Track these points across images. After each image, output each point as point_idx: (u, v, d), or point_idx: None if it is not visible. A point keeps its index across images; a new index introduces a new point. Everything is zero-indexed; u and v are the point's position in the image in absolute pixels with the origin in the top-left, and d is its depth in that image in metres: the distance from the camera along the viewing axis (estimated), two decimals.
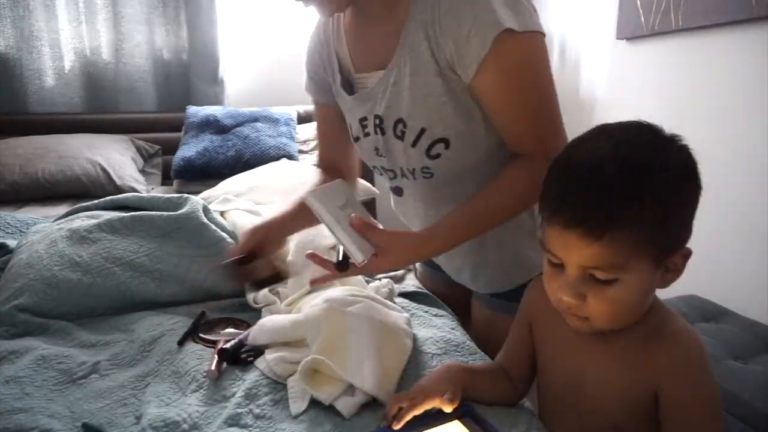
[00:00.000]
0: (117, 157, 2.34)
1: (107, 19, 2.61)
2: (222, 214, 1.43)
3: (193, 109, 2.56)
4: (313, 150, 2.56)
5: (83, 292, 1.08)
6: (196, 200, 1.30)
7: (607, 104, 2.41)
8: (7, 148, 2.27)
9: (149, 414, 0.77)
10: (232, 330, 1.01)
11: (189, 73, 2.74)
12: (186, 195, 1.33)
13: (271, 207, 1.49)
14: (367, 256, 0.82)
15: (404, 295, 1.19)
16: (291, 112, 2.62)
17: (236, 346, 0.92)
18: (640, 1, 2.10)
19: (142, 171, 2.47)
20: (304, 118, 2.66)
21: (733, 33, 1.76)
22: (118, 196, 1.40)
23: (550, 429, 0.77)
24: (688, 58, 1.95)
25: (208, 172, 2.33)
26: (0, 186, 2.15)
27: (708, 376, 0.66)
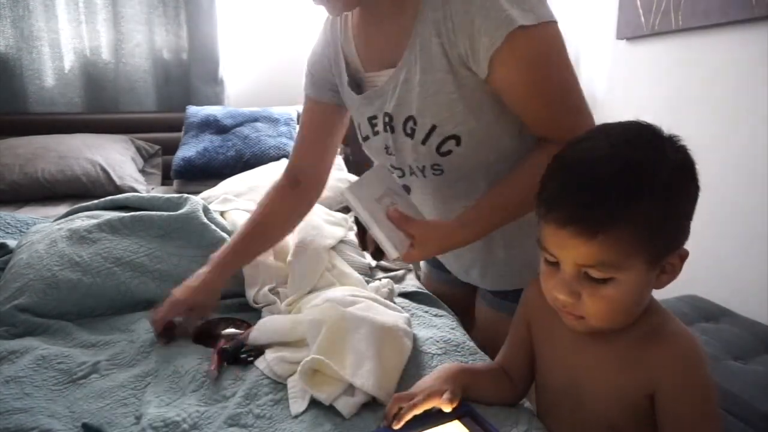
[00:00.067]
0: (117, 157, 2.34)
1: (107, 19, 2.61)
2: (222, 214, 1.43)
3: (193, 109, 2.56)
4: None
5: (83, 292, 1.08)
6: (196, 200, 1.30)
7: (607, 104, 2.41)
8: (7, 148, 2.27)
9: (149, 414, 0.77)
10: (232, 330, 1.01)
11: (189, 73, 2.74)
12: (186, 195, 1.33)
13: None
14: (402, 251, 0.82)
15: (404, 295, 1.19)
16: (291, 112, 2.62)
17: (236, 346, 0.92)
18: (640, 1, 2.10)
19: (142, 171, 2.47)
20: None
21: (733, 33, 1.76)
22: (118, 196, 1.40)
23: (549, 428, 0.77)
24: (688, 59, 1.95)
25: (208, 172, 2.33)
26: (0, 186, 2.15)
27: (705, 378, 0.66)
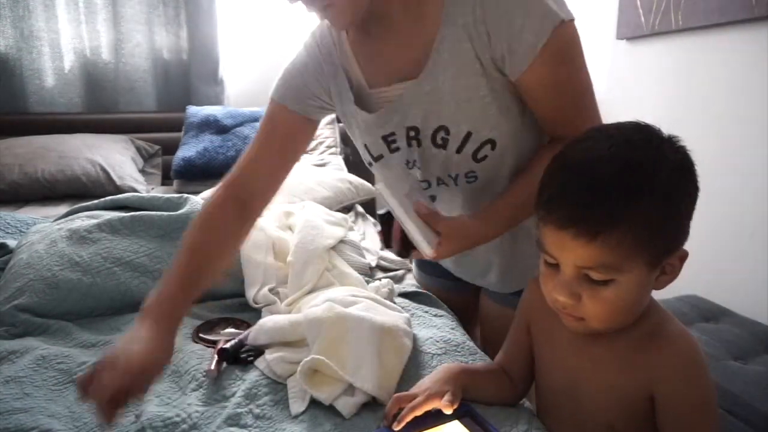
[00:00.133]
0: (117, 157, 2.34)
1: (107, 19, 2.61)
2: None
3: (193, 109, 2.56)
4: (313, 150, 2.56)
5: (83, 292, 1.08)
6: (196, 200, 1.30)
7: (607, 104, 2.39)
8: (7, 148, 2.27)
9: (149, 413, 0.77)
10: (232, 330, 1.01)
11: (189, 73, 2.74)
12: (186, 195, 1.33)
13: (271, 207, 1.47)
14: (434, 247, 0.81)
15: (404, 295, 1.19)
16: None
17: (236, 346, 0.92)
18: (640, 1, 2.10)
19: (142, 171, 2.47)
20: None
21: (733, 33, 1.76)
22: (118, 196, 1.40)
23: (549, 428, 0.77)
24: (688, 58, 1.95)
25: (208, 172, 2.33)
26: (0, 186, 2.15)
27: (704, 379, 0.66)
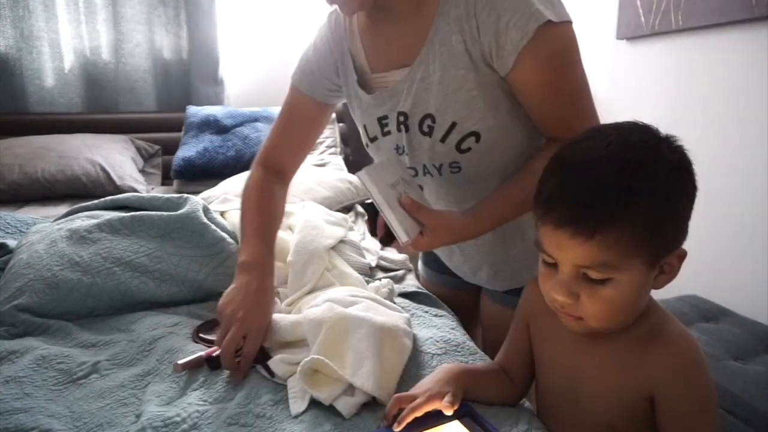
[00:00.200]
0: (117, 157, 2.34)
1: (107, 19, 2.61)
2: (222, 214, 1.43)
3: (193, 109, 2.56)
4: (313, 150, 2.56)
5: (83, 292, 1.08)
6: (196, 200, 1.30)
7: (607, 104, 2.40)
8: (7, 148, 2.26)
9: (149, 413, 0.77)
10: None
11: (189, 73, 2.74)
12: (186, 195, 1.33)
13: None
14: (412, 237, 0.82)
15: (404, 295, 1.19)
16: None
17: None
18: (640, 1, 2.10)
19: (142, 171, 2.47)
20: None
21: (733, 33, 1.76)
22: (118, 196, 1.40)
23: (549, 428, 0.77)
24: (688, 58, 1.95)
25: (208, 172, 2.33)
26: (0, 186, 2.15)
27: (705, 380, 0.66)
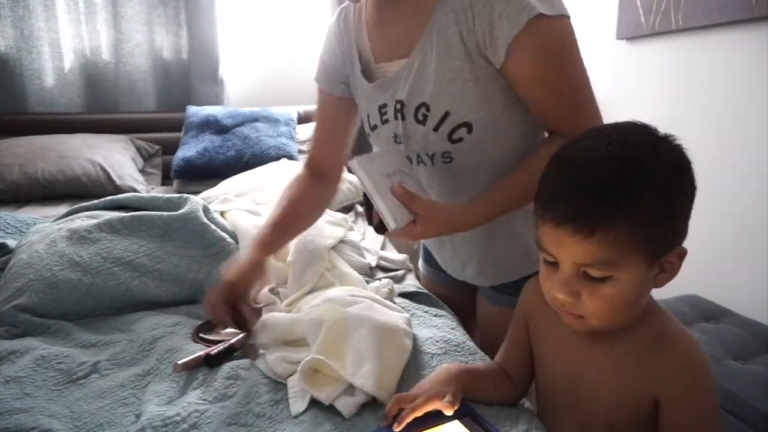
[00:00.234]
0: (117, 157, 2.34)
1: (107, 19, 2.61)
2: (222, 214, 1.43)
3: (193, 109, 2.56)
4: None
5: (83, 292, 1.08)
6: (196, 200, 1.30)
7: (607, 104, 2.38)
8: (7, 148, 2.26)
9: (149, 413, 0.77)
10: (232, 330, 1.01)
11: (189, 73, 2.74)
12: (186, 195, 1.33)
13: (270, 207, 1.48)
14: (401, 225, 0.82)
15: (404, 295, 1.19)
16: (291, 112, 2.62)
17: (222, 353, 0.92)
18: (640, 1, 2.10)
19: (142, 171, 2.47)
20: (304, 119, 2.66)
21: (733, 33, 1.76)
22: (118, 196, 1.40)
23: (549, 428, 0.77)
24: (688, 58, 1.95)
25: (208, 172, 2.33)
26: (0, 186, 2.15)
27: (709, 384, 0.66)
